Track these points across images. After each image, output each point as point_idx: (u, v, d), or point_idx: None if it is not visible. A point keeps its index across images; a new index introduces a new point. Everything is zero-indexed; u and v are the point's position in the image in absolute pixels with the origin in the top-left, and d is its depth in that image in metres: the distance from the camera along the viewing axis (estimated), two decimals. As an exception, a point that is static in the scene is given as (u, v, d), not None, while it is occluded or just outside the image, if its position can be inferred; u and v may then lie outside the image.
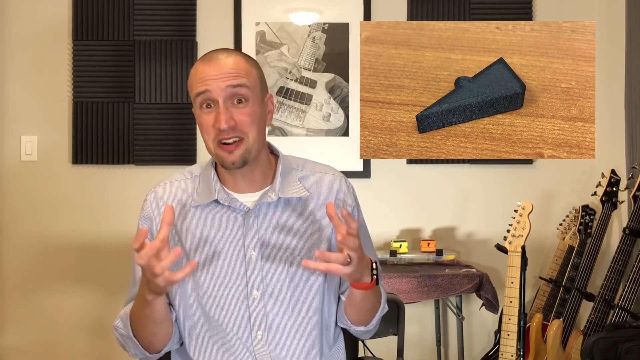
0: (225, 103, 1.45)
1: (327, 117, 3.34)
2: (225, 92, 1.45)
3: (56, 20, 3.33)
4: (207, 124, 1.46)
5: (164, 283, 1.32)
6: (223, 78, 1.45)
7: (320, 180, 1.59)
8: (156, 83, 3.32)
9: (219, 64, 1.47)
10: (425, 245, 3.07)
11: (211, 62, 1.48)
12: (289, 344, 1.52)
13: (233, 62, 1.48)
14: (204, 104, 1.47)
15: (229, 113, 1.45)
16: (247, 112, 1.47)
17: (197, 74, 1.48)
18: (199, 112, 1.48)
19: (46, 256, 3.33)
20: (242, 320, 1.51)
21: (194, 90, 1.47)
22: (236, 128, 1.45)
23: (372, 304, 1.54)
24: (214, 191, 1.52)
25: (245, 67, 1.49)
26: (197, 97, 1.47)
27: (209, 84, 1.45)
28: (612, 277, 2.71)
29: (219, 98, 1.45)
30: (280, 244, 1.52)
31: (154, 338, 1.50)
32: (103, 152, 3.31)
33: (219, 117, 1.44)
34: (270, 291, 1.51)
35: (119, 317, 1.54)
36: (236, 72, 1.46)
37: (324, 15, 3.35)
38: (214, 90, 1.45)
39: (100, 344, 3.27)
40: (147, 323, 1.47)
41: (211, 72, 1.46)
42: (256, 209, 1.52)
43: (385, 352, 2.56)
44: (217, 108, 1.45)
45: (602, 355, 2.29)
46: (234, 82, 1.45)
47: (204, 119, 1.47)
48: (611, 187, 2.94)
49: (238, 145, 1.46)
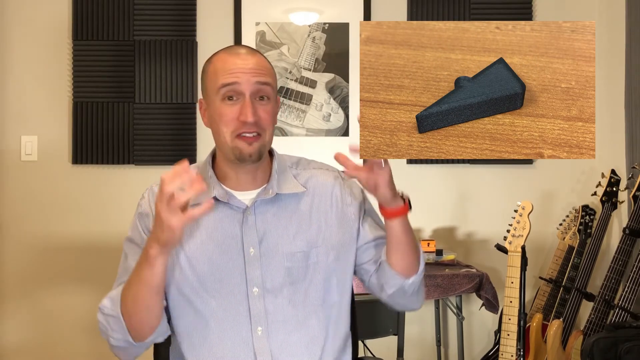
0: (251, 97, 1.46)
1: (327, 117, 3.34)
2: (253, 87, 1.46)
3: (56, 20, 3.33)
4: (229, 116, 1.46)
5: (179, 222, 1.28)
6: (252, 73, 1.46)
7: (315, 176, 1.60)
8: (156, 83, 3.32)
9: (247, 58, 1.48)
10: (425, 245, 3.07)
11: (239, 55, 1.49)
12: (290, 339, 1.52)
13: (258, 60, 1.50)
14: (227, 96, 1.47)
15: (254, 107, 1.46)
16: (269, 110, 1.49)
17: (225, 64, 1.48)
18: (219, 104, 1.47)
19: (46, 256, 3.33)
20: (242, 316, 1.51)
21: (221, 80, 1.47)
22: (258, 124, 1.46)
23: (413, 240, 1.54)
24: (212, 189, 1.53)
25: (267, 66, 1.52)
26: (222, 87, 1.46)
27: (239, 76, 1.46)
28: (612, 277, 2.71)
29: (247, 92, 1.46)
30: (278, 240, 1.53)
31: (145, 314, 1.43)
32: (103, 152, 3.31)
33: (245, 110, 1.44)
34: (269, 287, 1.51)
35: (108, 297, 1.48)
36: (262, 70, 1.49)
37: (324, 15, 3.35)
38: (243, 83, 1.45)
39: (100, 344, 3.26)
40: (143, 291, 1.40)
41: (241, 65, 1.46)
42: (254, 206, 1.53)
43: (385, 352, 2.57)
44: (243, 101, 1.46)
45: (602, 355, 2.29)
46: (262, 79, 1.47)
47: (225, 110, 1.47)
48: (611, 187, 2.94)
49: (257, 139, 1.47)
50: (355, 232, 1.59)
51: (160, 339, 1.52)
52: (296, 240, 1.53)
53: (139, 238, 1.55)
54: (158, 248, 1.35)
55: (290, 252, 1.53)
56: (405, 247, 1.52)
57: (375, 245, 1.59)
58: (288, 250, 1.53)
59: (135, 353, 1.51)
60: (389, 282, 1.56)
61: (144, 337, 1.47)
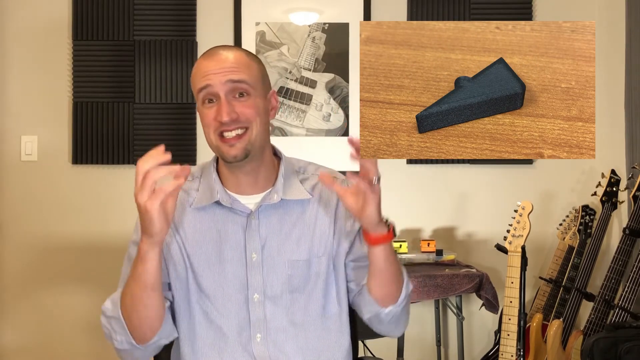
0: (226, 97, 1.45)
1: (327, 117, 3.34)
2: (226, 87, 1.45)
3: (56, 20, 3.33)
4: (209, 118, 1.46)
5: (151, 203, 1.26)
6: (223, 72, 1.45)
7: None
8: (156, 83, 3.32)
9: (220, 59, 1.47)
10: (425, 245, 3.07)
11: (212, 57, 1.48)
12: (288, 346, 1.51)
13: (234, 57, 1.48)
14: (206, 99, 1.47)
15: (230, 106, 1.45)
16: (250, 105, 1.47)
17: (199, 70, 1.48)
18: (201, 107, 1.48)
19: (46, 256, 3.33)
20: (242, 322, 1.50)
21: (197, 85, 1.47)
22: (238, 120, 1.45)
23: (396, 270, 1.48)
24: (216, 193, 1.52)
25: (245, 62, 1.49)
26: (199, 92, 1.47)
27: (210, 78, 1.45)
28: (612, 277, 2.71)
29: (220, 92, 1.45)
30: (281, 246, 1.52)
31: (143, 313, 1.41)
32: (103, 152, 3.31)
33: (220, 109, 1.44)
34: (270, 294, 1.50)
35: (110, 299, 1.48)
36: (237, 67, 1.47)
37: (324, 15, 3.35)
38: (215, 85, 1.45)
39: (100, 344, 3.27)
40: (138, 288, 1.39)
41: (212, 67, 1.46)
42: (258, 211, 1.52)
43: (385, 352, 2.57)
44: (219, 102, 1.45)
45: (602, 355, 2.29)
46: (234, 77, 1.46)
47: (205, 113, 1.47)
48: (611, 187, 2.94)
49: (240, 138, 1.45)
50: (348, 245, 1.57)
51: (165, 341, 1.50)
52: (299, 247, 1.52)
53: None
54: (146, 240, 1.34)
55: (293, 260, 1.52)
56: (385, 275, 1.47)
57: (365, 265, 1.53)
58: (290, 257, 1.52)
59: (141, 357, 1.49)
60: (366, 307, 1.54)
61: (146, 338, 1.45)
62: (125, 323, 1.43)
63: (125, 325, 1.43)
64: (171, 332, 1.51)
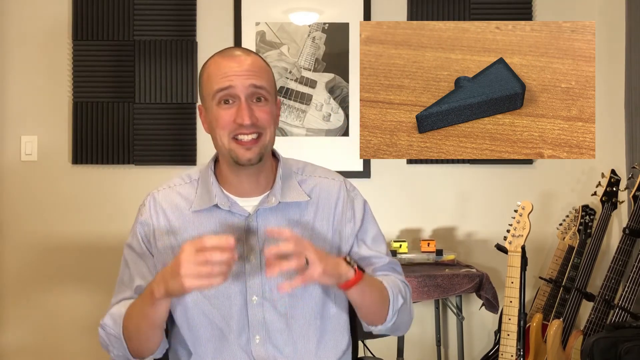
0: (247, 100, 1.45)
1: (327, 117, 3.34)
2: (247, 90, 1.45)
3: (56, 20, 3.33)
4: (226, 120, 1.45)
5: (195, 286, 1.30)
6: (246, 75, 1.45)
7: (320, 185, 1.58)
8: (156, 83, 3.32)
9: (241, 61, 1.47)
10: (425, 245, 3.07)
11: (233, 58, 1.47)
12: (287, 349, 1.51)
13: (254, 61, 1.48)
14: (223, 100, 1.46)
15: (251, 109, 1.45)
16: (267, 110, 1.47)
17: (220, 69, 1.47)
18: (216, 108, 1.47)
19: (46, 256, 3.33)
20: (241, 324, 1.50)
21: (216, 85, 1.46)
22: (257, 124, 1.45)
23: (376, 300, 1.50)
24: (214, 196, 1.52)
25: (264, 68, 1.50)
26: (217, 92, 1.46)
27: (233, 80, 1.45)
28: (612, 277, 2.71)
29: (242, 94, 1.45)
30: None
31: (145, 343, 1.46)
32: (103, 152, 3.31)
33: (241, 112, 1.44)
34: (269, 297, 1.50)
35: (110, 315, 1.50)
36: (258, 72, 1.47)
37: (324, 15, 3.35)
38: (237, 87, 1.44)
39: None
40: (145, 325, 1.43)
41: (235, 68, 1.45)
42: (256, 214, 1.51)
43: (385, 352, 2.57)
44: (239, 104, 1.45)
45: (602, 355, 2.29)
46: (256, 82, 1.46)
47: (221, 114, 1.46)
48: (611, 187, 2.94)
49: (256, 142, 1.46)
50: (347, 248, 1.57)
51: (159, 355, 1.54)
52: None
53: (138, 247, 1.55)
54: (164, 292, 1.35)
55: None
56: (364, 310, 1.51)
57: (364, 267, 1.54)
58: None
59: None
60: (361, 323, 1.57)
61: (143, 355, 1.49)
62: (126, 343, 1.46)
63: (126, 345, 1.46)
64: (165, 345, 1.53)
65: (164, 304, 1.39)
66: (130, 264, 1.55)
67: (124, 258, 1.57)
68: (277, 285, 1.36)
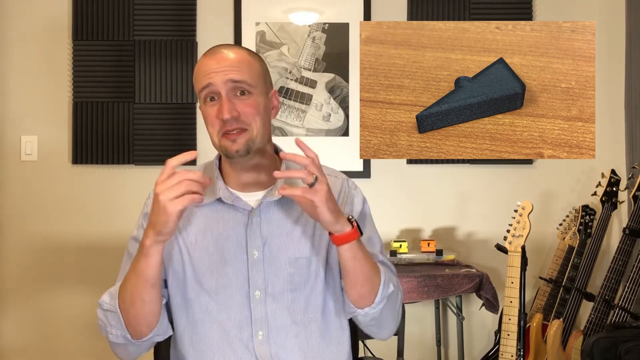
0: (228, 95, 1.46)
1: (327, 117, 3.34)
2: (227, 85, 1.46)
3: (56, 20, 3.33)
4: (211, 116, 1.47)
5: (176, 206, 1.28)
6: (225, 71, 1.46)
7: None
8: (156, 83, 3.32)
9: (222, 58, 1.48)
10: (425, 245, 3.07)
11: (214, 56, 1.49)
12: (290, 344, 1.51)
13: (235, 56, 1.49)
14: (208, 97, 1.48)
15: (231, 104, 1.46)
16: (251, 104, 1.48)
17: (201, 68, 1.49)
18: (204, 106, 1.49)
19: (46, 256, 3.33)
20: (244, 320, 1.50)
21: (200, 84, 1.49)
22: (239, 119, 1.46)
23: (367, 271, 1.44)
24: (218, 190, 1.53)
25: (247, 60, 1.50)
26: (201, 91, 1.48)
27: (212, 77, 1.46)
28: (612, 277, 2.71)
29: (222, 90, 1.46)
30: (282, 244, 1.52)
31: (141, 312, 1.42)
32: (103, 152, 3.31)
33: (221, 108, 1.45)
34: (271, 292, 1.50)
35: (108, 292, 1.49)
36: (238, 67, 1.48)
37: (324, 15, 3.35)
38: (216, 83, 1.46)
39: (100, 344, 3.26)
40: (139, 285, 1.40)
41: (214, 66, 1.47)
42: (259, 208, 1.52)
43: (385, 352, 2.57)
44: (220, 100, 1.46)
45: (602, 355, 2.29)
46: (235, 77, 1.46)
47: (208, 112, 1.48)
48: (611, 187, 2.94)
49: (240, 134, 1.46)
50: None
51: (160, 338, 1.50)
52: (300, 245, 1.53)
53: None
54: (153, 237, 1.34)
55: (294, 257, 1.52)
56: (355, 276, 1.44)
57: None
58: (291, 255, 1.52)
59: (134, 353, 1.50)
60: (345, 308, 1.52)
61: (142, 334, 1.46)
62: (122, 317, 1.43)
63: (122, 319, 1.44)
64: (166, 330, 1.51)
65: (156, 252, 1.37)
66: (133, 254, 1.55)
67: (127, 251, 1.58)
68: (278, 188, 1.34)
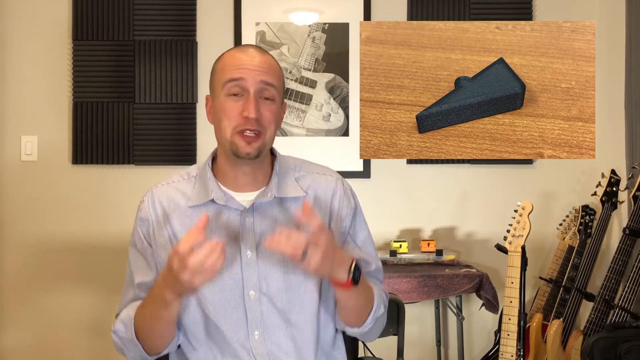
0: (255, 95, 1.47)
1: (327, 117, 3.34)
2: (258, 85, 1.47)
3: (56, 20, 3.33)
4: (233, 111, 1.47)
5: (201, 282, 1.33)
6: (259, 71, 1.47)
7: (317, 181, 1.58)
8: (156, 83, 3.32)
9: (255, 56, 1.50)
10: (425, 245, 3.07)
11: (247, 53, 1.50)
12: (286, 344, 1.52)
13: (267, 60, 1.51)
14: (233, 92, 1.48)
15: (257, 105, 1.47)
16: (272, 110, 1.50)
17: (234, 60, 1.49)
18: (224, 98, 1.49)
19: (46, 256, 3.33)
20: (239, 320, 1.50)
21: (228, 75, 1.48)
22: (260, 121, 1.47)
23: (358, 305, 1.51)
24: (210, 191, 1.52)
25: (277, 68, 1.53)
26: (228, 82, 1.48)
27: (244, 72, 1.47)
28: (612, 277, 2.71)
29: (251, 88, 1.47)
30: None
31: (161, 341, 1.49)
32: (103, 152, 3.31)
33: (249, 105, 1.45)
34: (266, 291, 1.51)
35: (120, 320, 1.52)
36: (269, 70, 1.49)
37: (324, 15, 3.35)
38: (248, 79, 1.47)
39: (100, 344, 3.27)
40: (158, 325, 1.46)
41: (249, 62, 1.48)
42: (252, 208, 1.52)
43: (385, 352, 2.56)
44: (247, 97, 1.47)
45: (602, 355, 2.29)
46: (267, 80, 1.48)
47: (229, 105, 1.48)
48: (611, 187, 2.94)
49: (256, 139, 1.47)
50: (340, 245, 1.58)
51: (174, 348, 1.56)
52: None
53: (140, 243, 1.56)
54: (175, 296, 1.40)
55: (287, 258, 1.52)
56: (347, 310, 1.52)
57: None
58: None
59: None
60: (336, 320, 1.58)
61: (160, 351, 1.52)
62: (141, 344, 1.49)
63: (141, 346, 1.49)
64: (178, 341, 1.56)
65: (178, 303, 1.43)
66: (132, 263, 1.57)
67: (129, 260, 1.60)
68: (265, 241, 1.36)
